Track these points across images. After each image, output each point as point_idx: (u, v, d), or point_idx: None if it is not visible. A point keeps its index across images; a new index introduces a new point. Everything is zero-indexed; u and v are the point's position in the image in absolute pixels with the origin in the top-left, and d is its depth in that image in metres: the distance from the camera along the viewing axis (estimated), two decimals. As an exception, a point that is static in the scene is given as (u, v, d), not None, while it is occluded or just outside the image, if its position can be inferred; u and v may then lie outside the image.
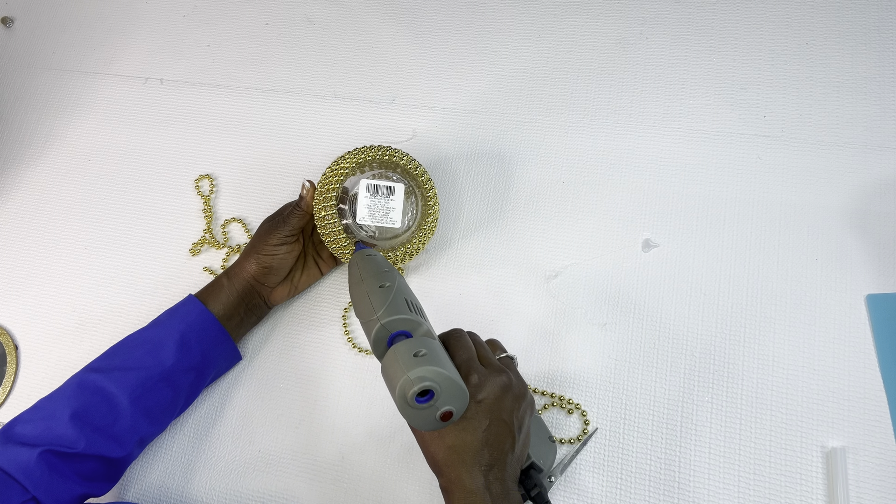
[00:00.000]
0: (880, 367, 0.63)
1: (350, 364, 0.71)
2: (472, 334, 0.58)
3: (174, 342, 0.64)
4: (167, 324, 0.66)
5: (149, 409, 0.63)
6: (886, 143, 0.71)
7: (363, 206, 0.69)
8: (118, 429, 0.61)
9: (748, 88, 0.76)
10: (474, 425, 0.51)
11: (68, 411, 0.60)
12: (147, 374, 0.63)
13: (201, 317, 0.66)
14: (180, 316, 0.66)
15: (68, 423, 0.59)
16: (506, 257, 0.73)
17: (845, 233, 0.68)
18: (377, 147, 0.69)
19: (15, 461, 0.57)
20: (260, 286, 0.69)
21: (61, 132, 0.89)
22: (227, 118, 0.86)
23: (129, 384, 0.62)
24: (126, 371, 0.63)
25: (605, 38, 0.82)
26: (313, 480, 0.67)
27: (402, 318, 0.51)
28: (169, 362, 0.64)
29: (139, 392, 0.62)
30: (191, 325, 0.66)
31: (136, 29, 0.94)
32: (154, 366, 0.63)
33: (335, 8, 0.90)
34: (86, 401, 0.61)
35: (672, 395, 0.65)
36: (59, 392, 0.63)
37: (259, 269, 0.68)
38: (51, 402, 0.62)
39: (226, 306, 0.68)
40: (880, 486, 0.59)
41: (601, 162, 0.76)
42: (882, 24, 0.76)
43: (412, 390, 0.47)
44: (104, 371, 0.63)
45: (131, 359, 0.64)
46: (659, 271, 0.70)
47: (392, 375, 0.49)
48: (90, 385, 0.62)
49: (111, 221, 0.83)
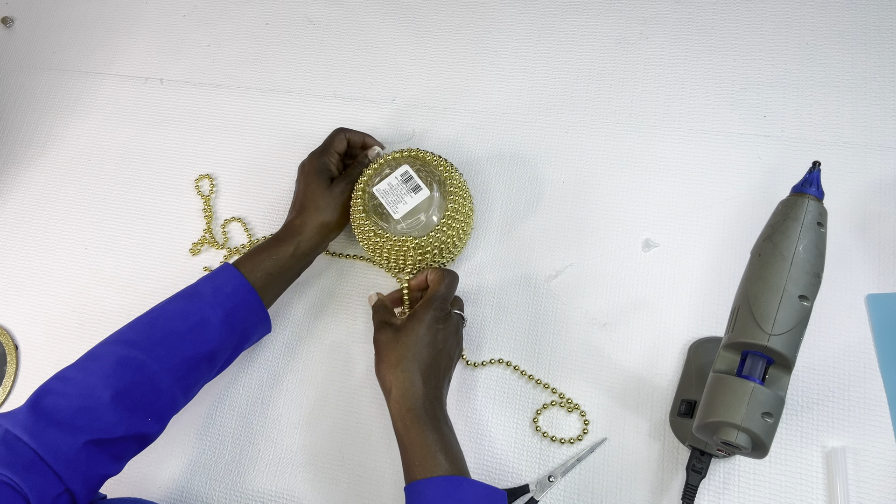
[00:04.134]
0: (880, 367, 0.63)
1: (350, 364, 0.71)
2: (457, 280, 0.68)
3: (219, 321, 0.61)
4: (211, 301, 0.62)
5: (188, 386, 0.61)
6: (886, 143, 0.71)
7: (385, 182, 0.68)
8: (157, 406, 0.59)
9: (748, 88, 0.76)
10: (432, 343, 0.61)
11: (109, 392, 0.55)
12: (192, 355, 0.60)
13: (247, 296, 0.63)
14: (226, 293, 0.63)
15: (110, 406, 0.55)
16: (506, 256, 0.73)
17: (845, 233, 0.68)
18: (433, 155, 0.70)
19: (54, 448, 0.52)
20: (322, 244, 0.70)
21: (61, 132, 0.89)
22: (227, 118, 0.86)
23: (172, 363, 0.59)
24: (170, 349, 0.59)
25: (605, 38, 0.82)
26: (313, 480, 0.67)
27: None
28: (213, 343, 0.61)
29: (183, 371, 0.60)
30: (237, 306, 0.63)
31: (136, 29, 0.94)
32: (198, 345, 0.60)
33: (335, 8, 0.90)
34: (128, 380, 0.57)
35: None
36: (93, 365, 0.58)
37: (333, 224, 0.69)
38: (86, 376, 0.57)
39: (267, 276, 0.65)
40: (880, 486, 0.59)
41: (601, 162, 0.76)
42: (882, 24, 0.76)
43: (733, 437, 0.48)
44: (145, 348, 0.59)
45: (173, 336, 0.60)
46: (659, 271, 0.70)
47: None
48: (132, 363, 0.58)
49: (111, 221, 0.83)
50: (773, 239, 0.51)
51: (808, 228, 0.50)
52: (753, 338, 0.49)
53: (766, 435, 0.48)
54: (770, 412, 0.48)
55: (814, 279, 0.50)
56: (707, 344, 0.64)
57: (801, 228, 0.50)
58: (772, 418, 0.48)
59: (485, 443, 0.66)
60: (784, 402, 0.49)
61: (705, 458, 0.59)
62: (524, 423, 0.66)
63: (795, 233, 0.50)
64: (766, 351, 0.49)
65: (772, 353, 0.49)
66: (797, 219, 0.51)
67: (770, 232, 0.52)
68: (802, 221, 0.50)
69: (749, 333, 0.49)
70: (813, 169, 0.53)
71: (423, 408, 0.58)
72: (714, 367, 0.52)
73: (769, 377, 0.50)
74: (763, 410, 0.48)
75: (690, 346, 0.65)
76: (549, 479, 0.63)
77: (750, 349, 0.50)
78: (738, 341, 0.50)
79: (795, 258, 0.49)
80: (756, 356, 0.50)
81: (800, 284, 0.49)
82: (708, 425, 0.50)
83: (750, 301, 0.50)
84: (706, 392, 0.51)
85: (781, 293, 0.49)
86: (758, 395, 0.48)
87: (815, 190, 0.52)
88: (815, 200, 0.52)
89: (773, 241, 0.51)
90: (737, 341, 0.50)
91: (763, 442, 0.48)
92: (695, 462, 0.59)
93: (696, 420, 0.51)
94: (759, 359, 0.50)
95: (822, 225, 0.51)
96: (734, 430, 0.48)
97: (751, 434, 0.48)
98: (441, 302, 0.64)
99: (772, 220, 0.53)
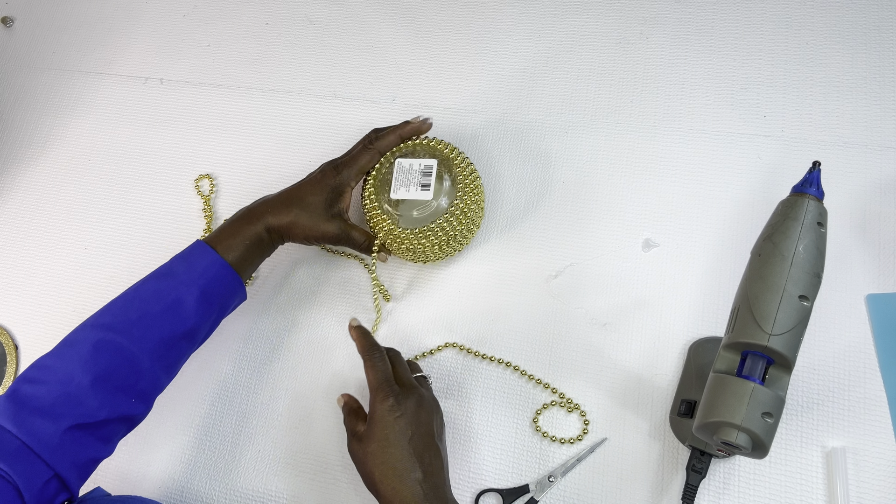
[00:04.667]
0: (880, 367, 0.63)
1: (350, 363, 0.71)
2: (392, 352, 0.63)
3: (195, 299, 0.60)
4: (184, 278, 0.61)
5: (170, 365, 0.61)
6: (886, 143, 0.71)
7: (403, 161, 0.68)
8: (140, 387, 0.58)
9: (748, 88, 0.76)
10: (399, 439, 0.56)
11: (89, 377, 0.55)
12: (170, 334, 0.59)
13: (222, 271, 0.63)
14: (199, 271, 0.62)
15: (90, 390, 0.55)
16: (506, 257, 0.73)
17: (845, 233, 0.68)
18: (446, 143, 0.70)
19: (37, 435, 0.52)
20: (290, 235, 0.68)
21: (61, 132, 0.89)
22: (227, 118, 0.86)
23: (150, 343, 0.58)
24: (146, 330, 0.59)
25: (605, 38, 0.82)
26: (313, 480, 0.67)
27: None
28: (191, 321, 0.60)
29: (161, 351, 0.59)
30: (211, 281, 0.62)
31: (136, 29, 0.94)
32: (176, 324, 0.60)
33: (335, 8, 0.90)
34: (107, 363, 0.57)
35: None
36: (71, 351, 0.57)
37: (301, 229, 0.66)
38: (64, 363, 0.57)
39: (242, 253, 0.64)
40: (880, 486, 0.59)
41: (601, 162, 0.76)
42: (882, 24, 0.76)
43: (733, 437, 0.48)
44: (121, 330, 0.58)
45: (149, 316, 0.59)
46: (659, 271, 0.70)
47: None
48: (110, 346, 0.57)
49: (111, 221, 0.83)
50: (773, 239, 0.51)
51: (809, 228, 0.50)
52: (753, 338, 0.49)
53: (766, 435, 0.48)
54: (770, 412, 0.48)
55: (814, 279, 0.50)
56: (707, 344, 0.64)
57: (802, 228, 0.50)
58: (772, 418, 0.48)
59: (485, 443, 0.66)
60: (784, 402, 0.50)
61: (705, 458, 0.59)
62: (524, 423, 0.66)
63: (795, 233, 0.50)
64: (766, 351, 0.49)
65: (772, 353, 0.49)
66: (797, 219, 0.51)
67: (770, 232, 0.52)
68: (802, 221, 0.50)
69: (749, 333, 0.49)
70: (813, 169, 0.53)
71: None
72: (714, 367, 0.52)
73: (769, 377, 0.50)
74: (763, 410, 0.48)
75: (690, 346, 0.65)
76: (549, 479, 0.63)
77: (750, 349, 0.50)
78: (738, 341, 0.50)
79: (795, 258, 0.49)
80: (756, 356, 0.50)
81: (800, 284, 0.49)
82: (708, 425, 0.50)
83: (750, 301, 0.50)
84: (706, 392, 0.51)
85: (781, 293, 0.49)
86: (758, 395, 0.48)
87: (815, 190, 0.52)
88: (815, 200, 0.52)
89: (773, 240, 0.51)
90: (737, 341, 0.50)
91: (763, 442, 0.48)
92: (695, 462, 0.59)
93: (696, 420, 0.51)
94: (759, 359, 0.50)
95: (822, 225, 0.51)
96: (734, 430, 0.48)
97: (751, 434, 0.48)
98: (384, 387, 0.58)
99: (772, 220, 0.53)
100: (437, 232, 0.67)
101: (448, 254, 0.71)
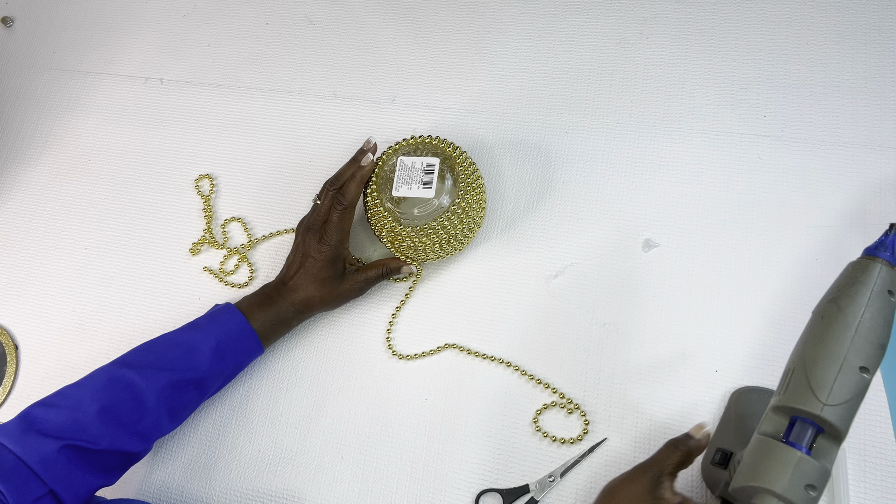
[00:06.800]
0: (880, 368, 0.63)
1: (350, 364, 0.71)
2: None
3: (209, 349, 0.63)
4: (205, 329, 0.65)
5: (173, 408, 0.63)
6: (886, 143, 0.71)
7: (405, 159, 0.68)
8: (142, 426, 0.61)
9: (748, 88, 0.76)
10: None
11: (96, 405, 0.58)
12: (179, 377, 0.62)
13: (241, 331, 0.66)
14: (219, 324, 0.65)
15: (95, 418, 0.58)
16: (506, 256, 0.73)
17: (845, 233, 0.68)
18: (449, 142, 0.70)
19: (35, 452, 0.55)
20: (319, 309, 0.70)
21: (61, 132, 0.89)
22: (227, 118, 0.86)
23: (159, 384, 0.61)
24: (159, 371, 0.62)
25: (605, 38, 0.82)
26: (313, 480, 0.67)
27: None
28: (202, 369, 0.63)
29: (168, 392, 0.62)
30: (228, 335, 0.65)
31: (136, 29, 0.94)
32: (187, 370, 0.63)
33: (335, 8, 0.90)
34: (115, 396, 0.60)
35: (672, 396, 0.65)
36: (88, 382, 0.61)
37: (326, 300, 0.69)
38: (78, 391, 0.60)
39: (271, 324, 0.67)
40: (880, 486, 0.59)
41: (601, 162, 0.76)
42: (882, 24, 0.76)
43: None
44: (136, 367, 0.62)
45: (164, 359, 0.63)
46: (659, 271, 0.70)
47: None
48: (121, 380, 0.60)
49: (111, 221, 0.83)
50: (838, 302, 0.47)
51: (878, 296, 0.46)
52: (806, 405, 0.45)
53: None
54: (814, 485, 0.44)
55: (877, 350, 0.46)
56: (751, 395, 0.62)
57: (871, 295, 0.46)
58: (815, 492, 0.44)
59: (485, 443, 0.66)
60: (830, 476, 0.46)
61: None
62: (524, 424, 0.66)
63: (863, 299, 0.46)
64: (818, 420, 0.46)
65: (823, 423, 0.46)
66: (867, 284, 0.46)
67: (836, 294, 0.48)
68: (872, 288, 0.46)
69: (802, 400, 0.46)
70: (890, 232, 0.48)
71: None
72: (760, 427, 0.49)
73: (817, 447, 0.47)
74: (807, 482, 0.44)
75: (732, 394, 0.63)
76: (549, 479, 0.63)
77: (800, 415, 0.47)
78: (789, 405, 0.47)
79: (861, 326, 0.45)
80: (806, 423, 0.47)
81: (862, 355, 0.45)
82: (746, 489, 0.47)
83: (807, 365, 0.46)
84: (748, 453, 0.48)
85: (842, 362, 0.45)
86: (803, 465, 0.45)
87: (889, 255, 0.48)
88: (888, 266, 0.47)
89: (838, 304, 0.47)
90: (787, 405, 0.47)
91: None
92: None
93: (734, 481, 0.49)
94: (809, 426, 0.46)
95: (892, 294, 0.47)
96: (774, 499, 0.45)
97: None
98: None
99: (839, 282, 0.48)
100: (439, 230, 0.67)
101: (449, 253, 0.71)
